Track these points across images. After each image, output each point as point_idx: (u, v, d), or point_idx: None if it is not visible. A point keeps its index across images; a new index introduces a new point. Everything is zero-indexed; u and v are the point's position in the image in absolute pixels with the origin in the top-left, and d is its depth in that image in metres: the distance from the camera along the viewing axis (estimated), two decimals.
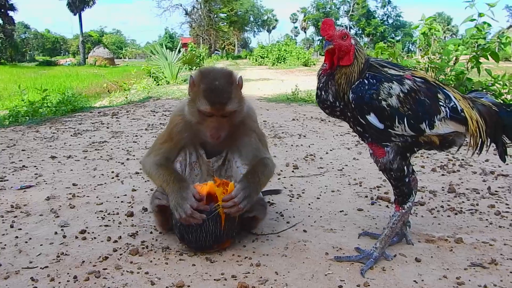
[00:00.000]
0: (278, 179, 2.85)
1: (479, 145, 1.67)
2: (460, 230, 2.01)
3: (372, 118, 1.58)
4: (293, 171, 3.07)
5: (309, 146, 3.90)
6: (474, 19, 5.36)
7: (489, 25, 5.38)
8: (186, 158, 1.98)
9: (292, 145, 3.93)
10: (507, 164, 1.85)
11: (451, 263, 1.69)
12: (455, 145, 1.73)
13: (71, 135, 4.43)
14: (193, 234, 1.73)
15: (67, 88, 10.15)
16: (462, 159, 3.28)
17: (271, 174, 1.99)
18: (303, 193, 2.58)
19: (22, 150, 3.69)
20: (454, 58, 5.68)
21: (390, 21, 49.25)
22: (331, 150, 3.71)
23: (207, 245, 1.76)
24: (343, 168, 3.14)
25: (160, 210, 1.88)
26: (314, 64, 25.89)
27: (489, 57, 5.29)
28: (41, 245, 1.86)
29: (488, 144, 1.69)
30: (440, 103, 1.61)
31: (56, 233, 1.98)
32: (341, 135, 4.41)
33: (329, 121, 5.25)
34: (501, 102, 1.83)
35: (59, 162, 3.32)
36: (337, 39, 1.58)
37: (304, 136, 4.37)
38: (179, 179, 1.81)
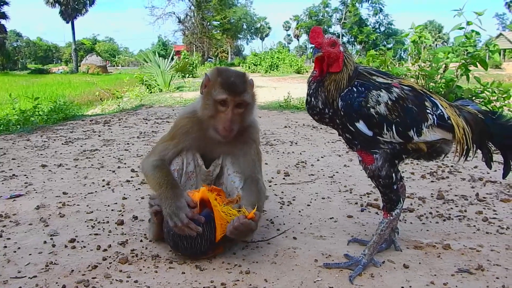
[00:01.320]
0: (269, 186, 2.86)
1: (465, 152, 1.69)
2: (448, 236, 2.03)
3: (361, 126, 1.60)
4: (284, 178, 3.08)
5: (300, 153, 3.92)
6: (463, 28, 5.43)
7: (477, 33, 5.45)
8: (183, 167, 1.98)
9: (283, 152, 3.94)
10: (495, 171, 1.87)
11: (438, 269, 1.70)
12: (443, 153, 1.75)
13: (62, 144, 4.41)
14: (188, 240, 1.73)
15: (59, 96, 10.10)
16: (451, 166, 3.31)
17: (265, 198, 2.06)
18: (293, 200, 2.59)
19: (13, 159, 3.67)
20: (444, 65, 5.74)
21: (382, 29, 49.64)
22: (322, 157, 3.73)
23: (202, 251, 1.76)
24: (333, 175, 3.15)
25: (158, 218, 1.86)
26: (307, 72, 26.00)
27: (478, 65, 5.35)
28: (30, 254, 1.85)
29: (474, 151, 1.71)
30: (428, 110, 1.63)
31: (45, 242, 1.97)
32: (332, 142, 4.43)
33: (320, 128, 5.28)
34: (487, 109, 1.86)
35: (49, 170, 3.30)
36: (326, 46, 1.61)
37: (296, 143, 4.39)
38: (173, 185, 1.82)
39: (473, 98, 5.41)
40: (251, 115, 1.97)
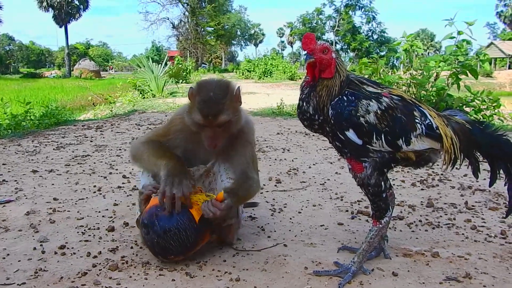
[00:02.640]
0: (261, 193, 2.86)
1: (452, 161, 1.71)
2: (437, 244, 2.05)
3: (351, 134, 1.62)
4: (275, 185, 3.09)
5: (292, 160, 3.93)
6: (454, 37, 5.50)
7: (468, 42, 5.53)
8: None
9: (276, 159, 3.96)
10: (484, 179, 1.89)
11: (427, 277, 1.72)
12: (431, 162, 1.78)
13: (53, 149, 4.39)
14: (174, 239, 1.73)
15: (51, 101, 10.07)
16: (441, 174, 3.34)
17: (253, 195, 2.05)
18: (285, 207, 2.60)
19: (3, 164, 3.65)
20: (435, 74, 5.80)
21: (375, 36, 49.92)
22: (314, 165, 3.74)
23: (191, 242, 1.77)
24: (325, 182, 3.17)
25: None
26: (300, 78, 26.06)
27: (469, 74, 5.42)
28: (19, 261, 1.84)
29: (462, 160, 1.74)
30: (416, 120, 1.65)
31: (35, 248, 1.96)
32: (324, 149, 4.45)
33: (313, 135, 5.30)
34: (475, 119, 1.89)
35: (40, 176, 3.29)
36: (318, 52, 1.62)
37: (288, 150, 4.40)
38: (182, 162, 1.87)
39: (464, 106, 5.47)
40: (238, 123, 1.92)
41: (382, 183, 1.68)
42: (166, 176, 1.79)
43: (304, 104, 1.67)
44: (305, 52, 1.63)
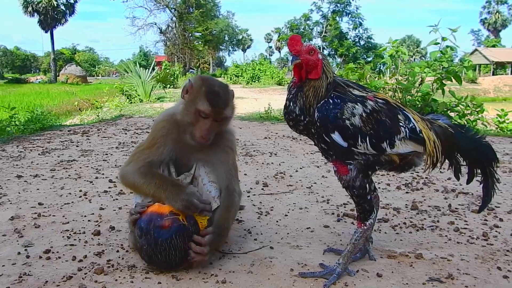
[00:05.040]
0: (248, 196, 2.88)
1: (434, 164, 1.74)
2: (420, 246, 2.08)
3: (336, 137, 1.63)
4: (262, 189, 3.11)
5: (279, 164, 3.95)
6: (438, 43, 5.60)
7: (452, 48, 5.63)
8: None
9: (263, 163, 3.97)
10: (468, 184, 1.93)
11: (410, 278, 1.74)
12: (414, 165, 1.81)
13: (38, 154, 4.35)
14: (162, 254, 1.72)
15: (37, 106, 9.96)
16: (426, 177, 3.39)
17: (237, 209, 2.08)
18: (271, 210, 2.62)
19: None
20: (420, 79, 5.89)
21: (362, 42, 50.36)
22: (301, 168, 3.77)
23: (177, 262, 1.76)
24: (311, 185, 3.19)
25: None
26: (288, 83, 26.19)
27: (453, 79, 5.51)
28: (3, 265, 1.82)
29: (442, 163, 1.77)
30: (400, 123, 1.68)
31: (19, 253, 1.94)
32: (311, 153, 4.48)
33: (300, 139, 5.33)
34: (457, 123, 1.93)
35: (25, 181, 3.26)
36: (304, 54, 1.64)
37: (275, 154, 4.42)
38: (175, 183, 1.87)
39: (448, 111, 5.56)
40: (229, 123, 2.01)
41: (367, 185, 1.70)
42: (177, 204, 1.78)
43: (291, 104, 1.68)
44: (291, 53, 1.64)
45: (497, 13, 55.74)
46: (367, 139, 1.63)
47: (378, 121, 1.64)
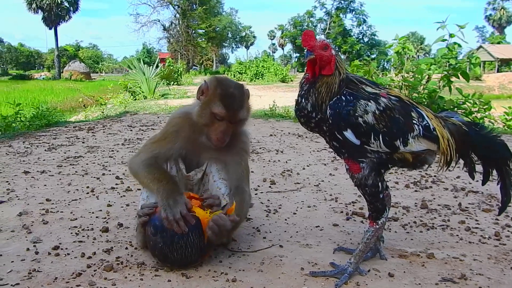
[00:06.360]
0: (255, 194, 2.86)
1: (448, 163, 1.72)
2: (432, 245, 2.06)
3: (348, 134, 1.61)
4: (270, 187, 3.09)
5: (286, 161, 3.93)
6: (445, 40, 5.55)
7: (459, 45, 5.58)
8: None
9: (269, 161, 3.95)
10: (477, 181, 1.91)
11: (422, 278, 1.72)
12: (427, 163, 1.78)
13: (45, 150, 4.35)
14: (178, 252, 1.70)
15: (42, 103, 9.98)
16: (435, 176, 3.36)
17: (248, 210, 2.08)
18: (279, 208, 2.60)
19: None
20: (427, 76, 5.85)
21: (366, 39, 50.26)
22: (307, 166, 3.75)
23: (193, 259, 1.75)
24: (319, 183, 3.17)
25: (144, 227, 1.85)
26: (292, 81, 26.21)
27: (460, 76, 5.47)
28: (12, 262, 1.82)
29: (457, 161, 1.75)
30: (414, 121, 1.66)
31: (28, 249, 1.94)
32: (317, 151, 4.46)
33: (306, 137, 5.31)
34: (470, 121, 1.90)
35: (32, 177, 3.25)
36: (318, 49, 1.61)
37: (282, 152, 4.40)
38: (174, 182, 1.84)
39: (455, 109, 5.52)
40: (245, 125, 2.00)
41: (379, 183, 1.68)
42: (162, 202, 1.76)
43: (303, 100, 1.66)
44: (305, 48, 1.62)
45: (502, 10, 55.45)
46: (380, 136, 1.61)
47: (391, 118, 1.62)
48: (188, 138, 1.95)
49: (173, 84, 17.38)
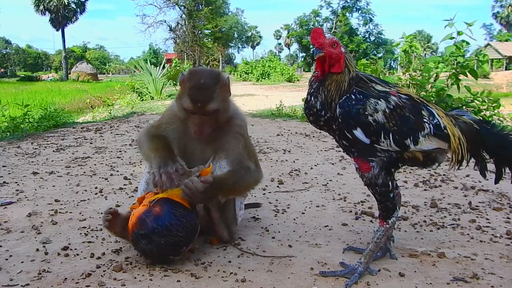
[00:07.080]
0: (263, 194, 2.85)
1: (459, 161, 1.70)
2: (442, 244, 2.04)
3: (358, 133, 1.60)
4: (278, 186, 3.08)
5: (293, 161, 3.92)
6: (453, 37, 5.50)
7: (467, 43, 5.53)
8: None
9: (277, 160, 3.94)
10: (487, 180, 1.89)
11: (434, 277, 1.70)
12: (437, 162, 1.76)
13: (53, 151, 4.37)
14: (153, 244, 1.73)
15: (49, 104, 10.03)
16: (444, 175, 3.33)
17: (251, 183, 2.02)
18: (288, 208, 2.59)
19: (3, 166, 3.62)
20: (435, 75, 5.81)
21: (372, 38, 49.99)
22: (315, 165, 3.73)
23: (195, 231, 1.80)
24: (327, 183, 3.16)
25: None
26: (298, 80, 26.14)
27: (468, 74, 5.42)
28: (22, 262, 1.82)
29: (468, 160, 1.73)
30: (424, 119, 1.64)
31: (37, 250, 1.94)
32: (325, 150, 4.44)
33: (313, 136, 5.29)
34: (481, 119, 1.88)
35: (41, 178, 3.27)
36: (327, 47, 1.60)
37: (289, 152, 4.39)
38: (169, 150, 1.87)
39: (464, 107, 5.47)
40: (226, 112, 1.93)
41: (390, 182, 1.66)
42: (154, 167, 1.80)
43: (312, 98, 1.65)
44: (314, 46, 1.61)
45: (510, 7, 54.95)
46: (390, 135, 1.59)
47: (401, 117, 1.60)
48: (180, 131, 1.98)
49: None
